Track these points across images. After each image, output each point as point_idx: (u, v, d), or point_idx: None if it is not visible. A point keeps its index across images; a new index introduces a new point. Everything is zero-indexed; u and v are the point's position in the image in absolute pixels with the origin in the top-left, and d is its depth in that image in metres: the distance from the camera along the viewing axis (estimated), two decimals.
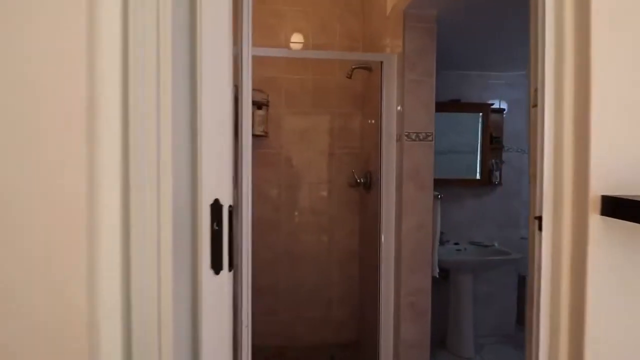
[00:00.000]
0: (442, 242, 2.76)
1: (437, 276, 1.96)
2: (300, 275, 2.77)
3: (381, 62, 1.90)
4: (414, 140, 1.80)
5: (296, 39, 2.74)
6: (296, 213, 2.77)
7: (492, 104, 2.80)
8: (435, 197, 1.91)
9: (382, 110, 1.91)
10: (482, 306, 2.90)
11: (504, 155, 2.96)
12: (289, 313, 2.76)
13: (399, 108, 1.89)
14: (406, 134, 1.80)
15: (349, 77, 2.47)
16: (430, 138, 1.82)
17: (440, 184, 2.82)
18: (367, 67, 2.49)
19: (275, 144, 2.72)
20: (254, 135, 2.57)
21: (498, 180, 2.89)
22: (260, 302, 2.72)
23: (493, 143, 2.87)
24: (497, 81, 2.96)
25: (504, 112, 2.92)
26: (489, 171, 2.86)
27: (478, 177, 2.87)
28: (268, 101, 2.67)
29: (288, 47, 2.74)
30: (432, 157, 1.82)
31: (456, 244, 2.84)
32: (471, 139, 2.88)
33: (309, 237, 2.77)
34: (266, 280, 2.74)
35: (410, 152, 1.81)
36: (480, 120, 2.82)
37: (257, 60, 2.70)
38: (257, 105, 2.60)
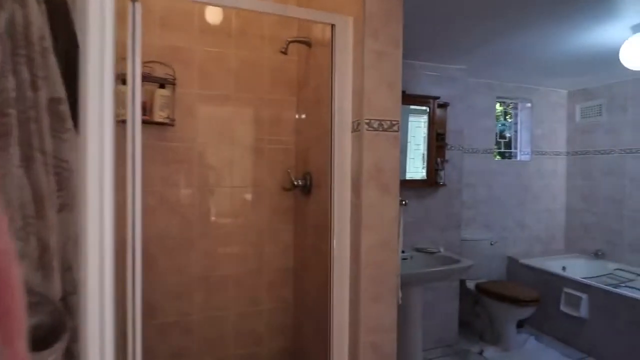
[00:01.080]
0: None
1: (400, 302, 1.55)
2: (220, 304, 2.15)
3: (332, 26, 1.41)
4: (376, 129, 1.35)
5: None
6: (214, 225, 2.13)
7: (438, 97, 2.53)
8: (400, 203, 1.49)
9: (334, 90, 1.43)
10: (425, 317, 2.62)
11: (448, 153, 2.72)
12: (207, 353, 2.12)
13: (356, 88, 1.42)
14: (366, 121, 1.34)
15: (284, 52, 1.94)
16: (395, 128, 1.39)
17: None
18: (306, 42, 1.98)
19: (185, 135, 2.05)
20: (154, 123, 1.88)
21: (442, 180, 2.64)
22: (165, 343, 2.03)
23: (438, 140, 2.60)
24: (438, 74, 2.71)
25: (447, 107, 2.68)
26: (434, 171, 2.59)
27: (423, 177, 2.58)
28: (175, 78, 1.99)
29: None
30: (398, 153, 1.40)
31: (403, 252, 2.50)
32: (416, 135, 2.58)
33: (231, 255, 2.16)
34: (175, 313, 2.05)
35: (372, 145, 1.35)
36: (426, 114, 2.53)
37: (157, 19, 2.00)
38: (157, 82, 1.91)
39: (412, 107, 2.50)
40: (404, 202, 1.52)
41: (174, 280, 2.06)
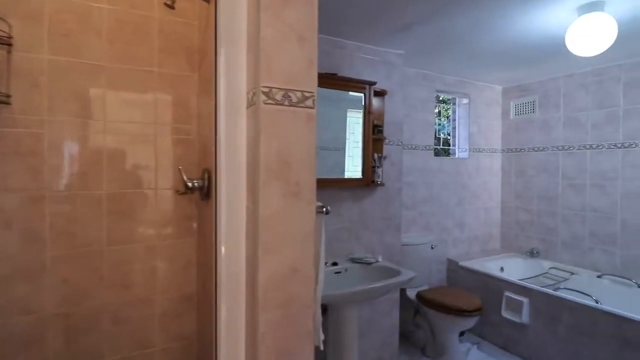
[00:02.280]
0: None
1: (322, 347, 1.11)
2: (89, 350, 1.55)
3: None
4: (280, 103, 0.90)
5: None
6: (78, 243, 1.53)
7: (375, 83, 2.16)
8: (320, 210, 1.05)
9: (219, 44, 0.94)
10: (362, 335, 2.25)
11: (386, 149, 2.37)
12: None
13: (251, 42, 0.95)
14: (264, 90, 0.88)
15: (170, 5, 1.41)
16: (310, 103, 0.95)
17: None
18: None
19: (28, 119, 1.43)
20: None
21: (380, 179, 2.28)
22: None
23: (375, 133, 2.23)
24: (374, 57, 2.35)
25: (385, 97, 2.33)
26: (370, 168, 2.22)
27: (359, 175, 2.19)
28: (10, 37, 1.37)
29: None
30: (314, 138, 0.96)
31: (334, 264, 2.09)
32: (355, 132, 2.18)
33: (106, 280, 1.58)
34: None
35: (273, 126, 0.89)
36: (362, 102, 2.14)
37: None
38: None
39: (350, 94, 2.10)
40: (324, 210, 1.08)
41: (16, 322, 1.42)
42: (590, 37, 1.73)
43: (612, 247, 2.71)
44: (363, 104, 2.12)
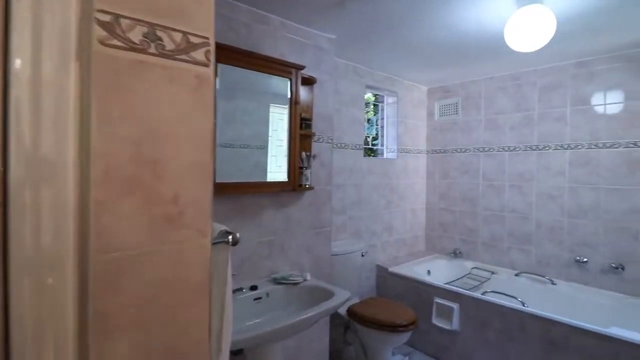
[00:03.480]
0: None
1: None
2: None
3: None
4: (142, 49, 0.47)
5: None
6: None
7: (303, 67, 1.79)
8: (223, 240, 0.64)
9: None
10: None
11: (314, 146, 2.03)
12: None
13: None
14: (104, 20, 0.44)
15: None
16: (201, 54, 0.53)
17: (222, 192, 1.58)
18: None
19: None
20: None
21: (309, 181, 1.92)
22: None
23: (303, 127, 1.87)
24: (303, 39, 1.99)
25: (314, 86, 1.99)
26: (297, 169, 1.85)
27: (284, 178, 1.80)
28: None
29: None
30: (210, 119, 0.55)
31: (253, 288, 1.67)
32: (279, 129, 1.78)
33: None
34: None
35: (125, 91, 0.46)
36: (288, 89, 1.76)
37: None
38: None
39: (274, 79, 1.69)
40: (230, 239, 0.67)
41: None
42: (529, 30, 1.61)
43: (528, 246, 2.79)
44: (289, 91, 1.74)
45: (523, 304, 2.18)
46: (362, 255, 2.64)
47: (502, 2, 1.67)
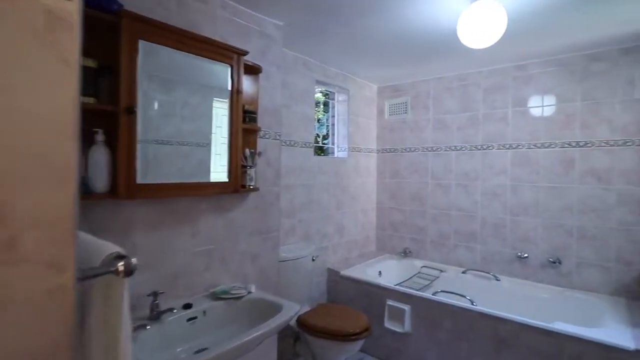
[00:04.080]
0: (155, 316, 1.29)
1: None
2: None
3: None
4: None
5: None
6: None
7: (247, 52, 1.58)
8: (106, 272, 0.43)
9: None
10: None
11: (260, 143, 1.83)
12: None
13: None
14: None
15: None
16: None
17: (149, 195, 1.32)
18: None
19: None
20: None
21: (254, 182, 1.72)
22: None
23: (247, 121, 1.66)
24: (247, 23, 1.77)
25: (260, 75, 1.78)
26: (240, 168, 1.63)
27: (225, 178, 1.58)
28: None
29: None
30: (74, 85, 0.34)
31: (187, 306, 1.43)
32: (223, 126, 1.55)
33: None
34: None
35: None
36: (229, 78, 1.53)
37: None
38: None
39: (213, 66, 1.45)
40: (119, 269, 0.46)
41: None
42: (482, 26, 1.57)
43: (474, 244, 2.83)
44: (229, 78, 1.51)
45: (472, 303, 2.17)
46: (313, 260, 2.48)
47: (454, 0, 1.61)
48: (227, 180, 1.55)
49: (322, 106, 3.12)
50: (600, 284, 2.29)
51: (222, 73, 1.52)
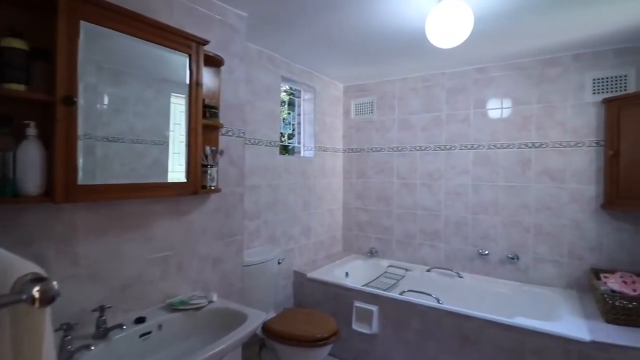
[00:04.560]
0: (101, 334, 1.15)
1: None
2: None
3: None
4: None
5: None
6: None
7: (207, 42, 1.46)
8: (15, 300, 0.32)
9: None
10: None
11: (222, 140, 1.71)
12: None
13: None
14: None
15: None
16: None
17: (94, 196, 1.17)
18: None
19: None
20: None
21: (215, 182, 1.60)
22: None
23: (207, 116, 1.54)
24: (208, 11, 1.65)
25: (221, 68, 1.66)
26: (200, 168, 1.50)
27: (183, 178, 1.44)
28: None
29: None
30: None
31: (139, 320, 1.28)
32: (182, 123, 1.41)
33: None
34: None
35: None
36: (187, 69, 1.40)
37: None
38: None
39: (170, 55, 1.31)
40: (36, 296, 0.35)
41: None
42: (449, 25, 1.57)
43: (438, 242, 2.88)
44: (187, 69, 1.39)
45: (438, 301, 2.19)
46: (279, 263, 2.39)
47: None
48: (185, 180, 1.42)
49: (286, 105, 3.03)
50: (554, 278, 2.41)
51: (181, 65, 1.39)
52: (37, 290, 0.32)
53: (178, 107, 1.44)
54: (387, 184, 3.12)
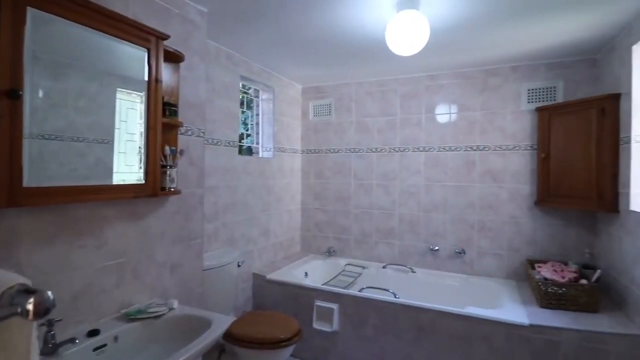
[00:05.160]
0: (50, 350, 1.05)
1: None
2: None
3: None
4: None
5: None
6: None
7: (167, 37, 1.39)
8: (7, 315, 0.30)
9: None
10: None
11: (182, 140, 1.64)
12: None
13: None
14: None
15: None
16: None
17: (41, 200, 1.07)
18: None
19: None
20: None
21: (175, 184, 1.53)
22: None
23: (167, 115, 1.47)
24: (167, 5, 1.57)
25: (181, 65, 1.60)
26: (159, 169, 1.43)
27: (140, 179, 1.36)
28: None
29: None
30: None
31: (93, 333, 1.19)
32: (129, 120, 1.32)
33: None
34: None
35: None
36: (146, 64, 1.32)
37: None
38: None
39: (125, 48, 1.23)
40: (28, 310, 0.33)
41: None
42: (407, 34, 1.66)
43: (392, 240, 3.02)
44: (146, 64, 1.31)
45: (395, 296, 2.30)
46: (239, 266, 2.35)
47: (383, 3, 1.67)
48: (143, 181, 1.35)
49: (245, 104, 2.98)
50: (496, 269, 2.64)
51: (131, 58, 1.30)
52: (30, 303, 0.30)
53: (125, 103, 1.35)
54: (344, 185, 3.20)
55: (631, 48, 1.84)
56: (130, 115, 1.34)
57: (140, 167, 1.34)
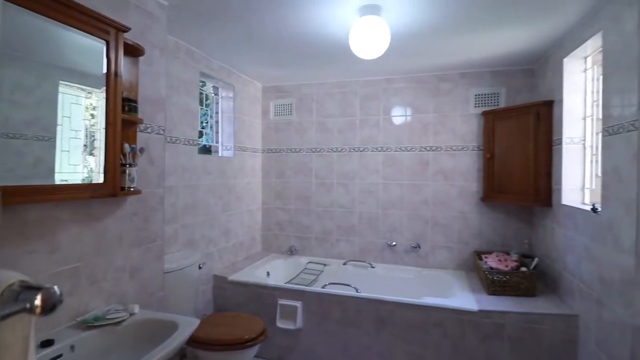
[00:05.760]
0: None
1: None
2: None
3: None
4: None
5: None
6: None
7: (128, 29, 1.32)
8: (10, 313, 0.29)
9: None
10: None
11: (141, 138, 1.57)
12: None
13: None
14: None
15: None
16: None
17: (3, 199, 0.98)
18: None
19: None
20: None
21: (135, 183, 1.46)
22: None
23: (127, 111, 1.39)
24: None
25: (140, 59, 1.52)
26: (119, 167, 1.36)
27: (97, 178, 1.28)
28: None
29: None
30: None
31: (47, 343, 1.11)
32: (73, 116, 1.23)
33: None
34: None
35: None
36: (104, 56, 1.24)
37: None
38: None
39: (80, 38, 1.14)
40: (34, 306, 0.32)
41: None
42: (369, 39, 1.73)
43: (353, 237, 3.11)
44: (105, 57, 1.24)
45: (357, 290, 2.38)
46: (200, 268, 2.28)
47: (346, 8, 1.72)
48: (101, 181, 1.27)
49: (202, 102, 2.89)
50: (448, 261, 2.83)
51: (82, 50, 1.22)
52: (38, 299, 0.29)
53: (69, 97, 1.26)
54: (305, 184, 3.23)
55: (562, 60, 2.08)
56: (73, 111, 1.24)
57: (86, 167, 1.26)
